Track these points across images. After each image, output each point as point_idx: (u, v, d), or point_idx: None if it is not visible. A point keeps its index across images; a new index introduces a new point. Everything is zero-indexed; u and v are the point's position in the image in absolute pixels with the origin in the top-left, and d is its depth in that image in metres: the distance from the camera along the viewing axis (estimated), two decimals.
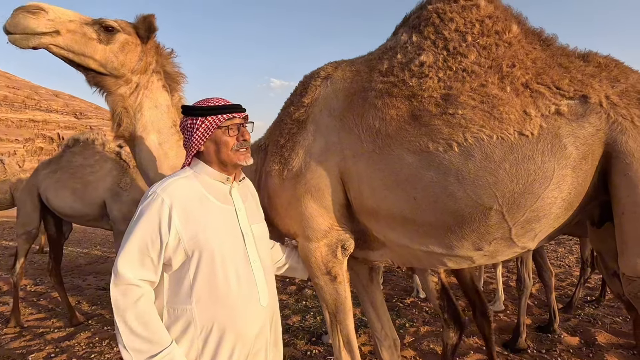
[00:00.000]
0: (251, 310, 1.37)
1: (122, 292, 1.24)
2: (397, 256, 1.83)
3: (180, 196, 1.32)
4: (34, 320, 4.24)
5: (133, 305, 1.23)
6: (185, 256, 1.30)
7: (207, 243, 1.31)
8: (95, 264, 7.09)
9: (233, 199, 1.44)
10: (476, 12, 1.67)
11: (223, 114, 1.38)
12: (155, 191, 1.32)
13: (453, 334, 2.30)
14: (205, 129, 1.38)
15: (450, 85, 1.57)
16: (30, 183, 4.22)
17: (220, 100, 1.42)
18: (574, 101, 1.48)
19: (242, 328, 1.34)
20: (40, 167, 4.30)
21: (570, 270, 5.60)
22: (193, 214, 1.32)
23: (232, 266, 1.34)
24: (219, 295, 1.31)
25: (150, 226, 1.27)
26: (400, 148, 1.58)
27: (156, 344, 1.22)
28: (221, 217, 1.38)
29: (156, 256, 1.27)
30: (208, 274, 1.31)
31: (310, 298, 4.71)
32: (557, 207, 1.49)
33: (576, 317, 3.82)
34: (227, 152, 1.39)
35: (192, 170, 1.43)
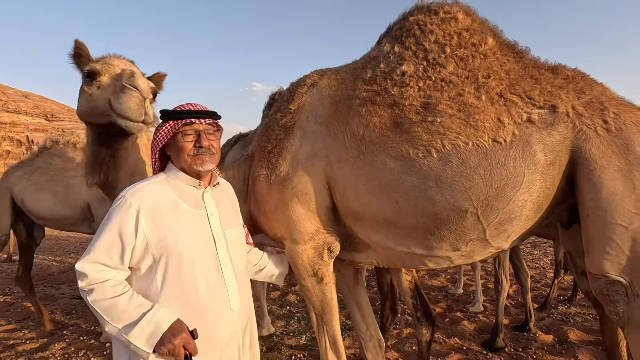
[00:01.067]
0: (221, 314, 1.37)
1: (87, 282, 1.25)
2: (382, 258, 1.88)
3: (149, 200, 1.33)
4: (4, 331, 4.05)
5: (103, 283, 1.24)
6: (153, 260, 1.30)
7: (175, 247, 1.31)
8: (69, 272, 6.85)
9: (205, 203, 1.43)
10: (454, 25, 1.76)
11: (182, 119, 1.38)
12: (124, 195, 1.33)
13: (426, 331, 2.38)
14: (164, 133, 1.40)
15: (430, 94, 1.65)
16: (1, 186, 4.01)
17: (194, 105, 1.42)
18: (544, 110, 1.58)
19: (212, 332, 1.34)
20: (11, 170, 4.09)
21: (545, 272, 5.82)
22: (161, 218, 1.32)
23: (201, 270, 1.34)
24: (187, 298, 1.31)
25: (115, 229, 1.28)
26: (383, 154, 1.64)
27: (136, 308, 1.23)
28: (191, 222, 1.38)
29: (120, 259, 1.27)
30: (176, 278, 1.31)
31: (294, 304, 4.71)
32: (528, 209, 1.58)
33: (550, 317, 3.98)
34: (184, 157, 1.39)
35: (165, 175, 1.43)
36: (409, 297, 2.37)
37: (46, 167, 3.88)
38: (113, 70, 1.77)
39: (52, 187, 3.75)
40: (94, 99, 1.77)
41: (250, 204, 1.89)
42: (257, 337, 1.57)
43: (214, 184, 1.50)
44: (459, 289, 4.97)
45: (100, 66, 1.77)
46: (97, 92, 1.77)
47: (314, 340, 3.60)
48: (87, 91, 1.79)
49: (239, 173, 2.04)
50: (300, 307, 4.59)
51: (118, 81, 1.69)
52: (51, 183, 3.77)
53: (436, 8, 1.81)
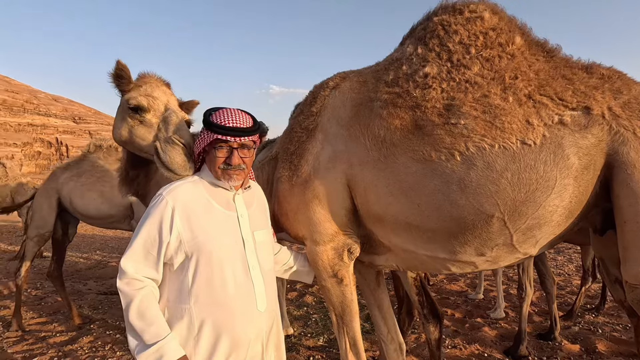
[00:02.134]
0: (248, 314, 1.40)
1: (126, 283, 1.32)
2: (402, 261, 1.86)
3: (183, 199, 1.39)
4: (36, 324, 4.24)
5: (135, 294, 1.30)
6: (186, 257, 1.36)
7: (206, 245, 1.36)
8: (95, 268, 7.08)
9: (236, 205, 1.48)
10: (480, 24, 1.72)
11: (217, 134, 1.41)
12: (161, 193, 1.40)
13: (434, 328, 2.35)
14: (201, 141, 1.48)
15: (453, 96, 1.61)
16: (48, 187, 4.30)
17: (234, 119, 1.43)
18: (577, 112, 1.51)
19: (238, 331, 1.37)
20: (58, 171, 4.40)
21: (570, 279, 5.63)
22: (194, 217, 1.38)
23: (230, 270, 1.38)
24: (216, 296, 1.35)
25: (153, 226, 1.35)
26: (405, 156, 1.63)
27: (153, 334, 1.27)
28: (222, 222, 1.43)
29: (156, 254, 1.34)
30: (206, 276, 1.35)
31: (311, 305, 4.72)
32: (559, 215, 1.53)
33: (576, 325, 3.85)
34: (215, 168, 1.45)
35: (200, 176, 1.51)
36: (414, 294, 2.35)
37: (92, 170, 4.20)
38: (157, 106, 1.80)
39: (99, 188, 4.06)
40: (137, 136, 1.80)
41: (274, 204, 1.92)
42: (283, 338, 1.59)
43: (246, 187, 1.55)
44: (479, 294, 4.87)
45: (146, 102, 1.78)
46: (140, 128, 1.79)
47: (332, 342, 3.60)
48: (130, 122, 1.81)
49: (262, 174, 2.07)
50: (317, 308, 4.60)
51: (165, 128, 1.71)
52: (98, 184, 4.08)
53: (461, 7, 1.77)
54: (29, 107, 40.56)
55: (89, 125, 43.92)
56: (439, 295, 4.96)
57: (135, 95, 1.80)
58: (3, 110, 38.35)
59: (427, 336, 2.40)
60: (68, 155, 38.06)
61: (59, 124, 41.58)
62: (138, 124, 1.79)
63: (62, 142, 39.90)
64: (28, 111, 40.17)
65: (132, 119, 1.80)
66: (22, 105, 40.12)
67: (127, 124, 1.82)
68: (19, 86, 43.30)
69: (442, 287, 5.33)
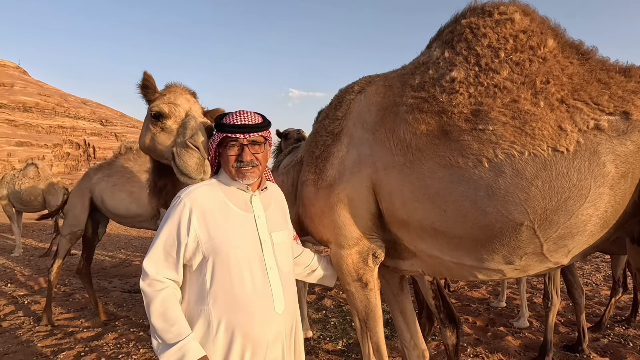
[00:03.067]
0: (265, 316, 1.40)
1: (148, 284, 1.36)
2: (428, 266, 1.84)
3: (201, 201, 1.42)
4: (64, 319, 4.39)
5: (156, 295, 1.33)
6: (203, 258, 1.38)
7: (223, 246, 1.38)
8: (120, 266, 7.28)
9: (253, 206, 1.49)
10: (510, 27, 1.67)
11: (226, 133, 1.45)
12: (179, 196, 1.44)
13: (450, 333, 2.31)
14: (212, 142, 1.53)
15: (481, 101, 1.58)
16: (82, 186, 4.49)
17: (243, 117, 1.46)
18: (615, 117, 1.45)
19: (255, 332, 1.38)
20: (91, 172, 4.59)
21: (598, 289, 5.43)
22: (212, 218, 1.40)
23: (247, 271, 1.39)
24: (233, 297, 1.37)
25: (172, 228, 1.38)
26: (431, 162, 1.61)
27: (175, 334, 1.30)
28: (239, 224, 1.44)
29: (176, 255, 1.37)
30: (223, 277, 1.37)
31: (330, 309, 4.71)
32: (593, 225, 1.47)
33: (606, 337, 3.70)
34: (229, 167, 1.47)
35: (217, 179, 1.53)
36: (431, 299, 2.32)
37: (123, 171, 4.36)
38: (178, 113, 1.84)
39: (128, 188, 4.21)
40: (157, 142, 1.85)
41: (298, 207, 1.93)
42: (303, 340, 1.60)
43: (262, 188, 1.56)
44: (501, 302, 4.74)
45: (167, 108, 1.83)
46: (161, 135, 1.84)
47: (350, 346, 3.59)
48: (152, 129, 1.87)
49: (287, 178, 2.09)
50: (336, 312, 4.59)
51: (182, 133, 1.75)
52: (128, 185, 4.23)
53: (491, 9, 1.73)
54: (60, 110, 42.20)
55: (115, 128, 45.33)
56: (459, 302, 4.86)
57: (158, 103, 1.86)
58: (36, 113, 40.03)
59: (444, 341, 2.36)
60: (95, 157, 39.37)
61: (87, 126, 43.07)
62: (160, 131, 1.84)
63: (90, 144, 41.29)
64: (59, 114, 41.80)
65: (154, 127, 1.85)
66: (53, 108, 41.77)
67: (150, 131, 1.88)
68: (50, 90, 45.13)
69: (463, 293, 5.22)
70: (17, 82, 41.12)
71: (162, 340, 1.30)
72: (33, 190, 8.46)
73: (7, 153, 32.93)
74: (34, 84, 43.86)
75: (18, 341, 3.74)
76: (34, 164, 8.93)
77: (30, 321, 4.27)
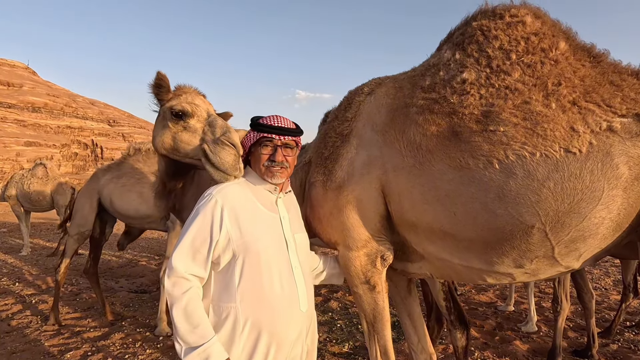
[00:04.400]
0: (292, 314, 1.42)
1: (172, 283, 1.34)
2: (436, 269, 1.83)
3: (232, 199, 1.43)
4: (71, 319, 4.42)
5: (181, 296, 1.32)
6: (233, 255, 1.39)
7: (254, 245, 1.39)
8: (127, 267, 7.32)
9: (278, 207, 1.53)
10: (522, 29, 1.67)
11: (263, 133, 1.51)
12: (211, 193, 1.45)
13: (460, 335, 2.29)
14: (248, 139, 1.55)
15: (492, 102, 1.57)
16: (90, 187, 4.52)
17: (279, 120, 1.53)
18: (628, 119, 1.44)
19: (282, 331, 1.39)
20: (100, 173, 4.62)
21: (607, 294, 5.36)
22: (243, 217, 1.42)
23: (276, 270, 1.41)
24: (262, 296, 1.38)
25: (203, 224, 1.38)
26: (441, 163, 1.60)
27: (199, 336, 1.30)
28: (267, 223, 1.47)
29: (206, 252, 1.37)
30: (253, 275, 1.38)
31: (336, 311, 4.70)
32: (605, 228, 1.45)
33: (615, 343, 3.65)
34: (260, 165, 1.51)
35: (245, 178, 1.56)
36: (442, 300, 2.31)
37: (132, 172, 4.37)
38: (200, 112, 1.85)
39: (138, 189, 4.22)
40: (182, 141, 1.83)
41: (306, 208, 1.93)
42: (317, 342, 1.61)
43: (287, 190, 1.60)
44: (509, 306, 4.70)
45: (190, 108, 1.84)
46: (184, 134, 1.83)
47: (357, 349, 3.57)
48: (172, 129, 1.86)
49: (295, 179, 2.09)
50: (342, 314, 4.57)
51: (211, 131, 1.76)
52: (137, 185, 4.25)
53: (501, 11, 1.73)
54: (68, 110, 42.62)
55: (122, 128, 45.68)
56: (467, 306, 4.82)
57: (179, 102, 1.86)
58: (44, 113, 40.48)
59: (453, 343, 2.35)
60: (103, 157, 39.70)
61: (94, 127, 43.45)
62: (182, 130, 1.83)
63: (97, 144, 41.64)
64: (67, 114, 42.21)
65: (175, 126, 1.85)
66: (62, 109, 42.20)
67: (169, 131, 1.86)
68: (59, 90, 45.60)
69: (471, 297, 5.18)
70: (26, 82, 41.63)
71: (185, 342, 1.30)
72: (42, 189, 8.55)
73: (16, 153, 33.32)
74: (42, 85, 44.38)
75: (26, 340, 3.77)
76: (43, 164, 9.02)
77: (38, 320, 4.30)
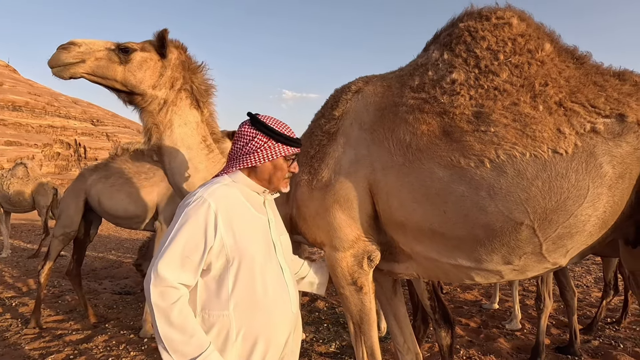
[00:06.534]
0: (285, 316, 1.40)
1: (160, 293, 1.24)
2: (424, 269, 1.83)
3: (225, 202, 1.35)
4: (53, 321, 4.31)
5: (171, 307, 1.23)
6: (227, 261, 1.31)
7: (248, 250, 1.34)
8: (111, 268, 7.18)
9: (266, 209, 1.49)
10: (508, 31, 1.70)
11: (293, 147, 1.44)
12: (201, 196, 1.34)
13: (445, 334, 2.32)
14: (274, 152, 1.42)
15: (482, 103, 1.60)
16: (76, 187, 4.42)
17: (287, 128, 1.47)
18: (611, 120, 1.48)
19: (276, 334, 1.36)
20: (86, 173, 4.52)
21: (589, 291, 5.49)
22: (235, 221, 1.35)
23: (269, 274, 1.38)
24: (257, 301, 1.33)
25: (195, 230, 1.29)
26: (431, 162, 1.61)
27: (195, 346, 1.23)
28: (258, 226, 1.42)
29: (198, 260, 1.28)
30: (247, 281, 1.33)
31: (323, 311, 4.69)
32: (591, 225, 1.49)
33: (597, 339, 3.74)
34: (280, 177, 1.45)
35: (231, 179, 1.45)
36: (426, 299, 2.33)
37: (121, 172, 4.30)
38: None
39: (127, 189, 4.16)
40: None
41: (292, 208, 1.91)
42: (300, 341, 1.60)
43: (272, 193, 1.54)
44: (494, 304, 4.77)
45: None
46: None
47: (343, 349, 3.57)
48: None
49: None
50: (329, 314, 4.57)
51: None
52: (126, 185, 4.18)
53: (488, 14, 1.75)
54: (50, 109, 41.62)
55: (106, 128, 44.81)
56: (452, 304, 4.88)
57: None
58: (26, 112, 39.44)
59: (438, 342, 2.37)
60: (86, 157, 38.89)
61: (77, 126, 42.51)
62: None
63: (80, 144, 40.77)
64: (49, 113, 41.21)
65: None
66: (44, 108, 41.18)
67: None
68: (40, 89, 44.48)
69: (456, 296, 5.24)
70: (7, 80, 40.48)
71: (182, 353, 1.22)
72: (23, 190, 8.32)
73: None
74: (23, 83, 43.24)
75: (5, 344, 3.65)
76: (23, 163, 8.79)
77: (18, 324, 4.18)
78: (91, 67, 1.97)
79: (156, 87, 2.06)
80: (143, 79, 2.03)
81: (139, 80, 2.02)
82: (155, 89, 2.06)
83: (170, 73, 2.09)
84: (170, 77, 2.10)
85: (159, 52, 2.07)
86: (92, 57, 1.96)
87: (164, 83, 2.08)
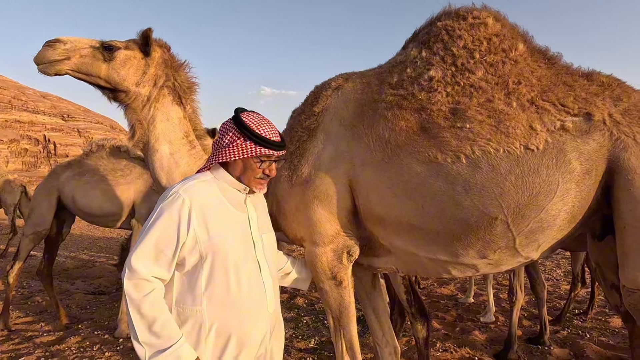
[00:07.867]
0: (259, 315, 1.40)
1: (134, 285, 1.27)
2: (402, 263, 1.87)
3: (200, 198, 1.35)
4: (22, 323, 4.14)
5: (144, 298, 1.25)
6: (200, 257, 1.33)
7: (222, 246, 1.34)
8: (83, 268, 6.95)
9: (247, 207, 1.48)
10: (484, 30, 1.75)
11: (265, 148, 1.39)
12: (177, 191, 1.35)
13: (421, 327, 2.38)
14: (242, 151, 1.39)
15: (459, 100, 1.64)
16: (49, 184, 4.25)
17: (275, 133, 1.43)
18: (579, 118, 1.55)
19: (249, 332, 1.36)
20: (59, 170, 4.36)
21: (558, 284, 5.72)
22: (211, 217, 1.35)
23: (244, 271, 1.37)
24: (230, 298, 1.34)
25: (169, 225, 1.30)
26: (410, 158, 1.64)
27: (166, 338, 1.24)
28: (236, 223, 1.42)
29: (171, 254, 1.30)
30: (221, 277, 1.33)
31: (302, 307, 4.70)
32: (561, 219, 1.55)
33: (565, 330, 3.91)
34: (251, 177, 1.43)
35: (212, 175, 1.45)
36: (402, 293, 2.37)
37: (96, 169, 4.18)
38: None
39: (102, 187, 4.06)
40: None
41: (272, 204, 1.91)
42: (283, 341, 1.59)
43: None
44: (469, 298, 4.91)
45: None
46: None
47: (323, 344, 3.59)
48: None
49: None
50: (308, 310, 4.59)
51: None
52: (102, 183, 4.08)
53: (464, 13, 1.80)
54: (17, 103, 39.77)
55: (77, 123, 43.20)
56: (429, 299, 4.98)
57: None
58: None
59: (414, 335, 2.41)
60: (56, 153, 37.38)
61: (47, 121, 40.81)
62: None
63: (50, 140, 39.15)
64: (15, 107, 39.38)
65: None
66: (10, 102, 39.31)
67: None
68: (6, 82, 42.43)
69: (433, 290, 5.36)
70: None
71: (151, 345, 1.24)
72: None
73: None
74: None
75: None
76: None
77: None
78: (76, 64, 2.02)
79: (139, 84, 2.11)
80: (126, 76, 2.08)
81: (122, 78, 2.07)
82: (138, 86, 2.11)
83: (154, 71, 2.15)
84: (154, 74, 2.15)
85: (143, 51, 2.13)
86: (77, 54, 2.01)
87: (147, 80, 2.13)
